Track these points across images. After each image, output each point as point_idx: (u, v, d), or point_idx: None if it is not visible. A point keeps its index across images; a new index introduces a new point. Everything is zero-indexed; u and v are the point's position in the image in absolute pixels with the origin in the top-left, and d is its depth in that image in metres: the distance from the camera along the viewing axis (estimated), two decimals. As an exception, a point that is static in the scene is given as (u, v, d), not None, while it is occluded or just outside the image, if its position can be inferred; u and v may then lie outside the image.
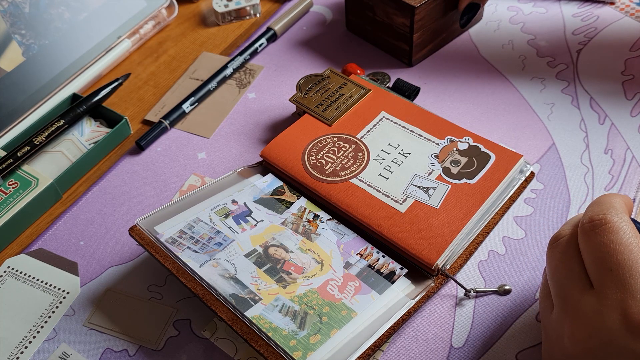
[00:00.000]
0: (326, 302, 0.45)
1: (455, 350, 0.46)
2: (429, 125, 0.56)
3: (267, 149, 0.56)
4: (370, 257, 0.48)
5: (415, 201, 0.50)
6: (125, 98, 0.66)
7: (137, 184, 0.58)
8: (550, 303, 0.40)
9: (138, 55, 0.71)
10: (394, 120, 0.57)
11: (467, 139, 0.55)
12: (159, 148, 0.61)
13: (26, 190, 0.55)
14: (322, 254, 0.48)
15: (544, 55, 0.66)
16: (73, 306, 0.50)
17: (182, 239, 0.49)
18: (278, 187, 0.54)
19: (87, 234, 0.55)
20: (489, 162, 0.53)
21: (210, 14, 0.76)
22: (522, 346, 0.46)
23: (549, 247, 0.40)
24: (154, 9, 0.71)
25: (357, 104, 0.59)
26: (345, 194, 0.51)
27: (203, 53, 0.71)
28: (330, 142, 0.56)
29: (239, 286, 0.46)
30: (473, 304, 0.48)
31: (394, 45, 0.67)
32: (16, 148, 0.57)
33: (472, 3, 0.67)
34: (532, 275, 0.49)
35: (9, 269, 0.52)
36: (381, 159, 0.54)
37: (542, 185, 0.55)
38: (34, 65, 0.63)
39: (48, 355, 0.47)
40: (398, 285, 0.47)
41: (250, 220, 0.51)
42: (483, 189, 0.51)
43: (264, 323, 0.43)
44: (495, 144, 0.54)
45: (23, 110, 0.61)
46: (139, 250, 0.53)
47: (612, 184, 0.54)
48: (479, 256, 0.51)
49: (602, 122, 0.59)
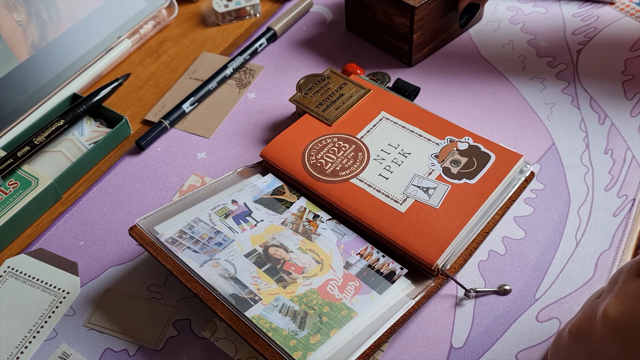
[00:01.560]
0: (326, 302, 0.45)
1: (455, 350, 0.46)
2: (429, 125, 0.56)
3: (267, 149, 0.56)
4: (370, 257, 0.48)
5: (415, 201, 0.50)
6: (125, 98, 0.66)
7: (137, 184, 0.58)
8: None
9: (138, 55, 0.71)
10: (394, 120, 0.57)
11: (467, 139, 0.54)
12: (159, 148, 0.61)
13: (26, 190, 0.55)
14: (322, 254, 0.48)
15: (544, 55, 0.66)
16: (73, 306, 0.50)
17: (182, 239, 0.49)
18: (278, 187, 0.54)
19: (87, 234, 0.55)
20: (489, 162, 0.53)
21: (210, 14, 0.76)
22: (522, 346, 0.46)
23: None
24: (154, 9, 0.71)
25: (357, 104, 0.59)
26: (345, 194, 0.51)
27: (203, 53, 0.71)
28: (330, 142, 0.56)
29: (239, 286, 0.46)
30: (473, 304, 0.48)
31: (394, 45, 0.67)
32: (16, 148, 0.57)
33: (471, 3, 0.67)
34: (532, 275, 0.49)
35: (9, 269, 0.52)
36: (381, 159, 0.54)
37: (542, 185, 0.55)
38: (34, 66, 0.63)
39: (48, 355, 0.47)
40: (398, 285, 0.47)
41: (250, 220, 0.51)
42: (483, 189, 0.51)
43: (264, 323, 0.43)
44: (495, 144, 0.54)
45: (23, 110, 0.61)
46: (139, 250, 0.53)
47: (612, 184, 0.54)
48: (479, 256, 0.51)
49: (602, 122, 0.59)
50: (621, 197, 0.53)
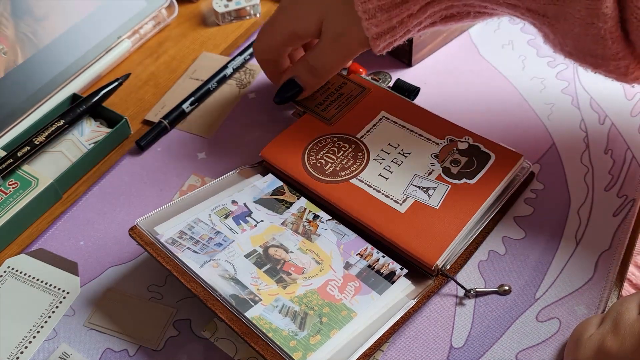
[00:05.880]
0: (326, 303, 0.45)
1: (455, 350, 0.46)
2: (429, 124, 0.56)
3: (267, 150, 0.56)
4: (370, 258, 0.48)
5: (415, 201, 0.50)
6: (125, 98, 0.66)
7: (137, 184, 0.58)
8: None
9: (138, 56, 0.71)
10: (394, 120, 0.57)
11: (467, 139, 0.54)
12: (159, 148, 0.61)
13: (26, 190, 0.55)
14: (322, 254, 0.48)
15: (544, 55, 0.66)
16: (73, 306, 0.50)
17: (182, 239, 0.49)
18: (278, 187, 0.54)
19: (87, 234, 0.55)
20: (489, 161, 0.53)
21: (210, 14, 0.76)
22: (522, 346, 0.46)
23: None
24: (154, 9, 0.71)
25: (358, 104, 0.58)
26: (345, 194, 0.51)
27: (203, 53, 0.71)
28: (330, 142, 0.56)
29: (239, 287, 0.46)
30: (473, 304, 0.48)
31: (394, 45, 0.67)
32: (16, 148, 0.57)
33: (293, 82, 0.57)
34: (532, 275, 0.49)
35: (9, 269, 0.52)
36: (381, 159, 0.54)
37: (542, 185, 0.55)
38: (34, 65, 0.63)
39: (48, 355, 0.47)
40: (398, 286, 0.47)
41: (250, 221, 0.51)
42: (483, 188, 0.51)
43: (264, 324, 0.43)
44: (496, 143, 0.54)
45: (23, 110, 0.61)
46: (139, 250, 0.53)
47: (612, 184, 0.54)
48: (479, 256, 0.51)
49: (602, 122, 0.59)
50: (621, 197, 0.53)
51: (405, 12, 0.49)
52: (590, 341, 0.41)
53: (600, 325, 0.42)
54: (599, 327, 0.42)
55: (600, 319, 0.43)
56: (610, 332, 0.40)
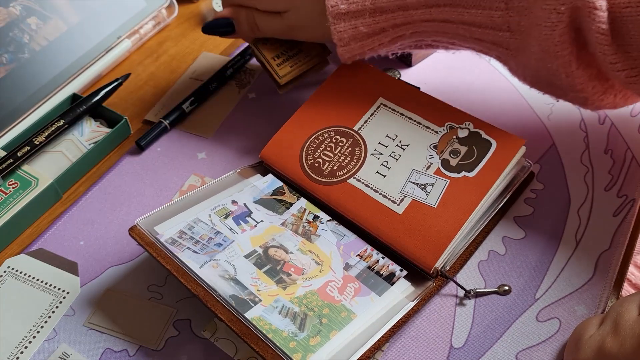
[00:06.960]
0: (326, 304, 0.45)
1: (455, 350, 0.46)
2: (428, 109, 0.54)
3: (266, 150, 0.55)
4: (370, 259, 0.48)
5: (412, 201, 0.50)
6: (125, 98, 0.66)
7: (137, 184, 0.58)
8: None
9: (138, 55, 0.71)
10: (392, 107, 0.55)
11: (468, 125, 0.53)
12: (159, 148, 0.61)
13: (26, 190, 0.55)
14: (321, 255, 0.48)
15: (544, 55, 0.66)
16: (73, 306, 0.50)
17: (182, 239, 0.49)
18: (278, 187, 0.54)
19: (87, 234, 0.55)
20: (490, 150, 0.51)
21: (210, 14, 0.76)
22: (522, 346, 0.46)
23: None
24: (154, 9, 0.71)
25: (355, 87, 0.57)
26: (343, 196, 0.51)
27: (203, 53, 0.71)
28: (327, 136, 0.55)
29: (239, 287, 0.46)
30: (473, 304, 0.48)
31: (394, 45, 0.67)
32: (16, 148, 0.57)
33: (230, 23, 0.58)
34: (532, 275, 0.49)
35: (9, 269, 0.52)
36: (379, 153, 0.53)
37: (542, 185, 0.55)
38: (34, 65, 0.63)
39: (48, 355, 0.47)
40: (398, 287, 0.47)
41: (250, 221, 0.51)
42: (482, 182, 0.50)
43: (263, 324, 0.43)
44: (497, 128, 0.52)
45: (23, 110, 0.61)
46: (139, 250, 0.53)
47: (612, 184, 0.54)
48: (479, 256, 0.51)
49: (602, 122, 0.59)
50: (621, 197, 0.53)
51: (376, 42, 0.53)
52: (591, 342, 0.41)
53: (601, 325, 0.42)
54: (599, 327, 0.41)
55: (600, 319, 0.43)
56: (610, 332, 0.40)
